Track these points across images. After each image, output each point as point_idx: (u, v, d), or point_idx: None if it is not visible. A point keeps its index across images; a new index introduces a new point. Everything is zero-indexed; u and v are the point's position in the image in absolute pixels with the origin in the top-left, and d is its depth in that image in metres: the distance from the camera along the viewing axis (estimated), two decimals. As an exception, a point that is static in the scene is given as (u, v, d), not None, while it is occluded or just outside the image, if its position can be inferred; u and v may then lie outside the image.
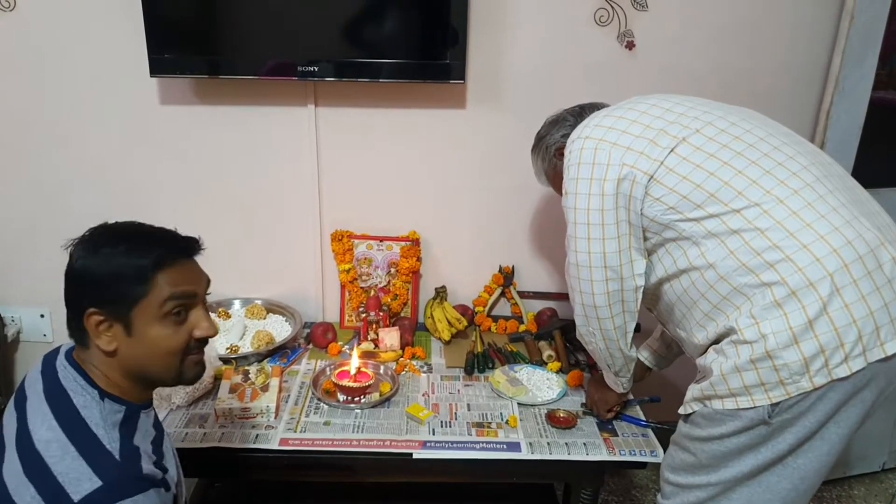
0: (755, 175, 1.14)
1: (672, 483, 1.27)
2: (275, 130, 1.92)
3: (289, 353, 1.82)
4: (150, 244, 0.99)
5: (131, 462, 0.93)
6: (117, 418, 0.97)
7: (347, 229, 2.02)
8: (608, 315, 1.30)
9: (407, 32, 1.79)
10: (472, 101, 1.90)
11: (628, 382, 1.49)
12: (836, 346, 1.05)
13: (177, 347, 1.00)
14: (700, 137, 1.20)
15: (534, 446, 1.46)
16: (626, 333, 1.34)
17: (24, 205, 1.97)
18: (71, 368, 0.99)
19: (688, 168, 1.17)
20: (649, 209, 1.21)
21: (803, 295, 1.06)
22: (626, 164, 1.21)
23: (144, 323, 0.97)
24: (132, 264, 0.96)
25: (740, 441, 1.14)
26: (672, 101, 1.29)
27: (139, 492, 0.89)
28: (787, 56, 1.87)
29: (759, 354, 1.08)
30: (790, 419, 1.09)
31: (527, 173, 1.63)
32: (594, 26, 1.82)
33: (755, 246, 1.10)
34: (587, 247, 1.26)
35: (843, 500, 2.24)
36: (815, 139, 1.90)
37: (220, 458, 1.43)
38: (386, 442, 1.45)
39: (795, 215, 1.10)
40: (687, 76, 1.86)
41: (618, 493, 2.20)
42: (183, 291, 0.99)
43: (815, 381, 1.06)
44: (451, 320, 1.94)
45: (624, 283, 1.27)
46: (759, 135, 1.20)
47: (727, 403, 1.13)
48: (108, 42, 1.81)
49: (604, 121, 1.28)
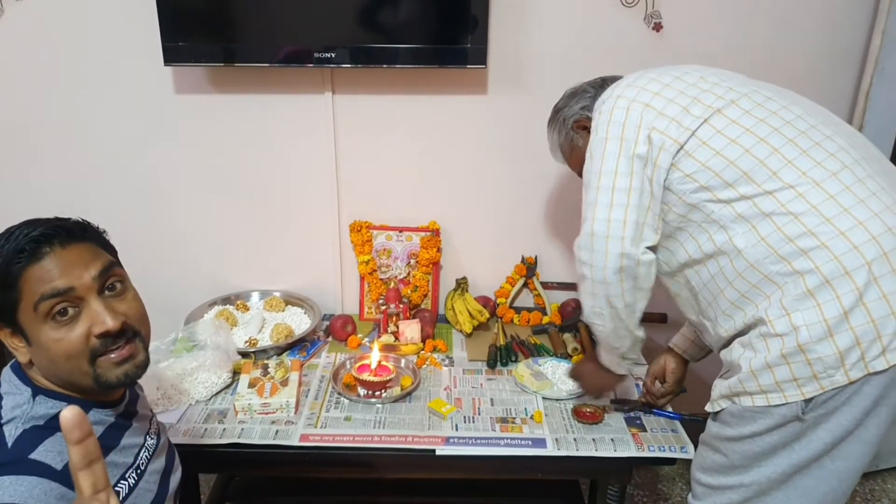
0: (792, 155, 1.07)
1: (703, 484, 1.22)
2: (292, 119, 1.88)
3: (308, 347, 1.80)
4: (9, 241, 0.88)
5: (21, 447, 0.85)
6: (49, 413, 0.90)
7: (366, 220, 1.99)
8: (618, 292, 1.21)
9: (426, 16, 1.73)
10: (494, 86, 1.84)
11: (632, 365, 1.42)
12: (873, 339, 0.99)
13: (73, 350, 0.88)
14: (736, 109, 1.13)
15: (560, 442, 1.42)
16: (635, 312, 1.25)
17: (39, 197, 1.95)
18: (11, 372, 0.95)
19: (722, 142, 1.11)
20: (678, 185, 1.14)
21: (838, 284, 1.01)
22: (655, 129, 1.14)
23: (35, 330, 0.88)
24: None
25: (773, 439, 1.09)
26: (703, 71, 1.22)
27: (15, 473, 0.82)
28: (824, 36, 1.80)
29: (791, 348, 1.03)
30: (825, 415, 1.04)
31: (550, 161, 1.57)
32: (620, 7, 1.76)
33: (788, 232, 1.05)
34: (607, 213, 1.17)
35: (877, 493, 2.18)
36: (854, 122, 1.82)
37: (240, 454, 1.41)
38: (408, 438, 1.42)
39: (832, 199, 1.04)
40: (717, 58, 1.77)
41: (644, 487, 2.16)
42: (53, 289, 0.86)
43: (851, 375, 1.00)
44: (472, 312, 1.90)
45: (639, 254, 1.18)
46: (796, 112, 1.13)
47: (757, 400, 1.08)
48: (121, 30, 1.78)
49: (637, 81, 1.22)
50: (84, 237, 0.93)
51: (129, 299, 0.95)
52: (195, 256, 2.03)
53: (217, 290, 2.01)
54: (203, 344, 1.60)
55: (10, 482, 0.81)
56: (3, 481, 0.81)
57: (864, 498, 2.15)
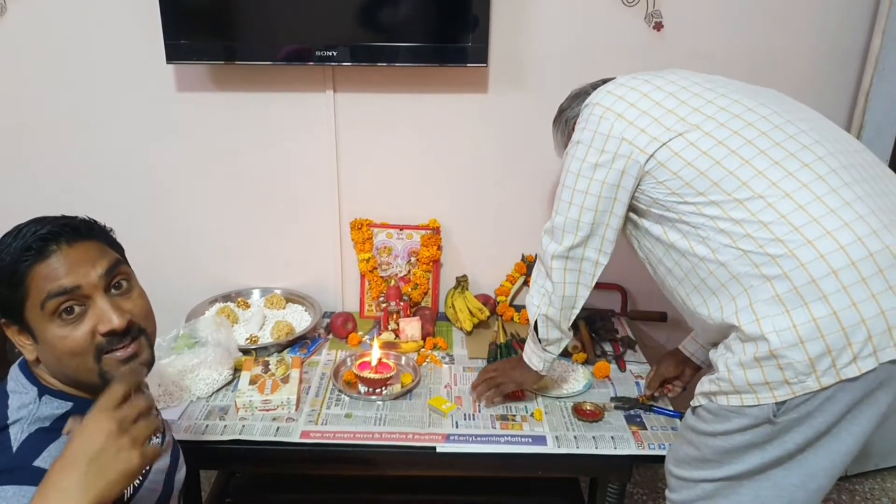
0: (763, 165, 1.08)
1: (676, 476, 1.24)
2: (293, 117, 1.88)
3: (308, 344, 1.80)
4: (17, 239, 0.89)
5: (25, 452, 0.85)
6: (55, 414, 0.90)
7: (367, 218, 1.99)
8: (561, 280, 1.32)
9: (428, 15, 1.73)
10: (495, 85, 1.85)
11: (550, 364, 1.45)
12: (843, 346, 0.99)
13: (79, 347, 0.89)
14: (711, 123, 1.14)
15: (560, 440, 1.42)
16: (573, 308, 1.35)
17: (40, 194, 1.95)
18: (18, 370, 0.95)
19: (693, 154, 1.13)
20: (651, 191, 1.19)
21: (805, 292, 1.01)
22: (625, 140, 1.19)
23: (41, 327, 0.89)
24: (2, 268, 0.88)
25: (745, 438, 1.10)
26: (689, 80, 1.23)
27: (18, 483, 0.81)
28: (824, 36, 1.80)
29: (764, 353, 1.04)
30: (797, 419, 1.05)
31: (550, 159, 1.58)
32: (621, 6, 1.76)
33: (757, 237, 1.06)
34: (566, 210, 1.27)
35: (877, 492, 2.18)
36: (854, 122, 1.82)
37: (241, 451, 1.41)
38: (409, 435, 1.42)
39: (802, 209, 1.04)
40: (717, 58, 1.79)
41: (643, 486, 2.16)
42: (59, 287, 0.87)
43: (823, 381, 1.01)
44: (472, 310, 1.90)
45: (586, 252, 1.29)
46: (776, 122, 1.13)
47: (732, 400, 1.09)
48: (123, 28, 1.78)
49: (617, 89, 1.24)
50: (91, 235, 0.94)
51: (134, 297, 0.96)
52: (196, 253, 2.03)
53: (218, 288, 2.02)
54: (204, 341, 1.60)
55: (13, 493, 0.80)
56: (6, 491, 0.80)
57: (864, 497, 2.16)
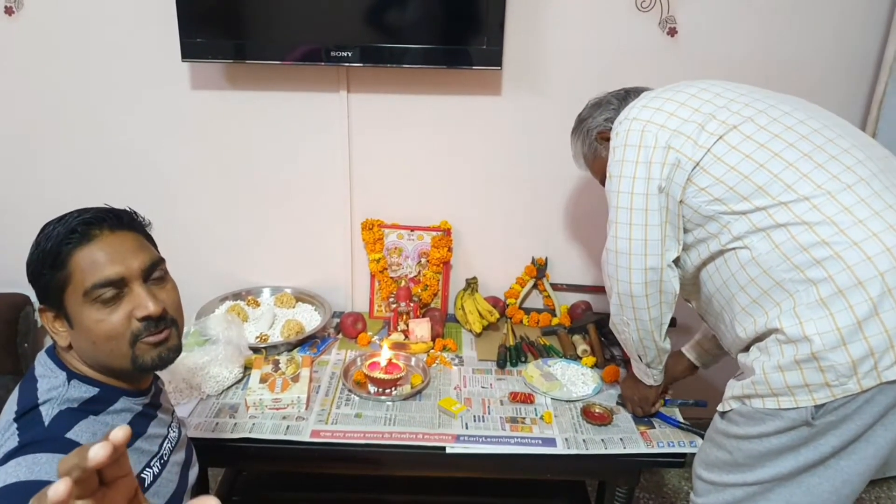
0: (807, 168, 1.09)
1: (705, 480, 1.22)
2: (307, 117, 1.89)
3: (318, 343, 1.80)
4: (61, 224, 0.92)
5: (58, 426, 0.88)
6: (83, 397, 0.93)
7: (378, 218, 1.99)
8: (644, 305, 1.26)
9: (444, 17, 1.74)
10: (508, 87, 1.85)
11: (659, 374, 1.44)
12: (886, 348, 1.00)
13: (115, 332, 0.92)
14: (751, 126, 1.14)
15: (569, 442, 1.43)
16: (662, 325, 1.31)
17: (56, 190, 1.96)
18: (46, 356, 0.97)
19: (736, 158, 1.13)
20: (693, 199, 1.17)
21: (851, 294, 1.01)
22: (672, 148, 1.17)
23: (78, 311, 0.91)
24: (47, 251, 0.91)
25: (780, 441, 1.09)
26: (721, 87, 1.23)
27: (52, 451, 0.84)
28: (838, 43, 1.80)
29: (805, 355, 1.03)
30: (835, 421, 1.05)
31: (562, 163, 1.58)
32: (635, 12, 1.76)
33: (802, 241, 1.05)
34: (628, 233, 1.22)
35: (883, 500, 2.17)
36: (867, 129, 1.82)
37: (251, 449, 1.42)
38: (419, 435, 1.43)
39: (847, 211, 1.04)
40: (731, 64, 1.79)
41: (650, 490, 2.16)
42: (104, 279, 0.90)
43: (863, 384, 1.01)
44: (482, 312, 1.90)
45: (663, 274, 1.23)
46: (814, 126, 1.14)
47: (768, 403, 1.09)
48: (139, 26, 1.79)
49: (652, 102, 1.24)
50: (132, 226, 0.98)
51: (168, 289, 1.00)
52: (207, 251, 2.04)
53: (228, 286, 2.03)
54: (215, 339, 1.60)
55: (46, 459, 0.83)
56: (40, 458, 0.83)
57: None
